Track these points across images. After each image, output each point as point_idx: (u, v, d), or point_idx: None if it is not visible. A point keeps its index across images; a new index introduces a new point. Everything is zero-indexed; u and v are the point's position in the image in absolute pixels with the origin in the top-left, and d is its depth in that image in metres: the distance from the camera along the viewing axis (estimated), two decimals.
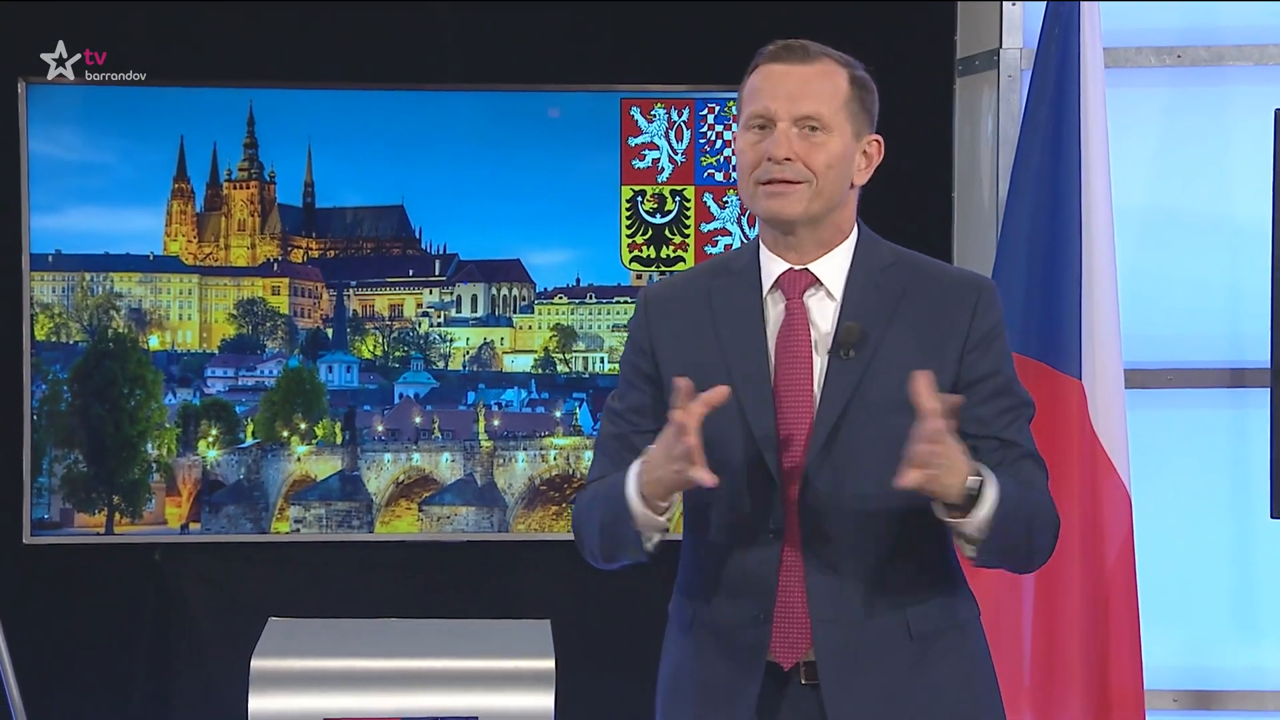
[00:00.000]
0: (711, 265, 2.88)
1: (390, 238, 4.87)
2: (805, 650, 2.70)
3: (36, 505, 4.77)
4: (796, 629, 2.70)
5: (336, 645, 3.77)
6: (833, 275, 2.75)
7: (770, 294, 2.75)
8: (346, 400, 4.86)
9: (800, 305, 2.74)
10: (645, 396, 2.79)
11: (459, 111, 4.81)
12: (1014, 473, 2.69)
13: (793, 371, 2.71)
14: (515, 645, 3.74)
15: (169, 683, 4.95)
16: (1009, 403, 2.74)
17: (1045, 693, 4.36)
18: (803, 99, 2.69)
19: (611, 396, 2.88)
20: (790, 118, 2.69)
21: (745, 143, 2.73)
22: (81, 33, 4.72)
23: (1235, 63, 4.69)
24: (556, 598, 4.87)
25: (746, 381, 2.70)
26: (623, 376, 2.85)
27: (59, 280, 4.78)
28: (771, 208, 2.71)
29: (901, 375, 2.59)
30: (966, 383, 2.71)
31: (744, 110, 2.75)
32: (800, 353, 2.71)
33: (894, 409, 2.61)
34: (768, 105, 2.70)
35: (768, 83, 2.72)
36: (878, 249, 2.79)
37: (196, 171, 4.82)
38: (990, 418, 2.71)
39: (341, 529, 4.84)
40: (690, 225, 4.86)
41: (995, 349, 2.75)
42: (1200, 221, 4.73)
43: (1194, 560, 4.75)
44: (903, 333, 2.71)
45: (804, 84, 2.70)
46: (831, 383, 2.69)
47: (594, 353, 4.90)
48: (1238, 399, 4.71)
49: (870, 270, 2.75)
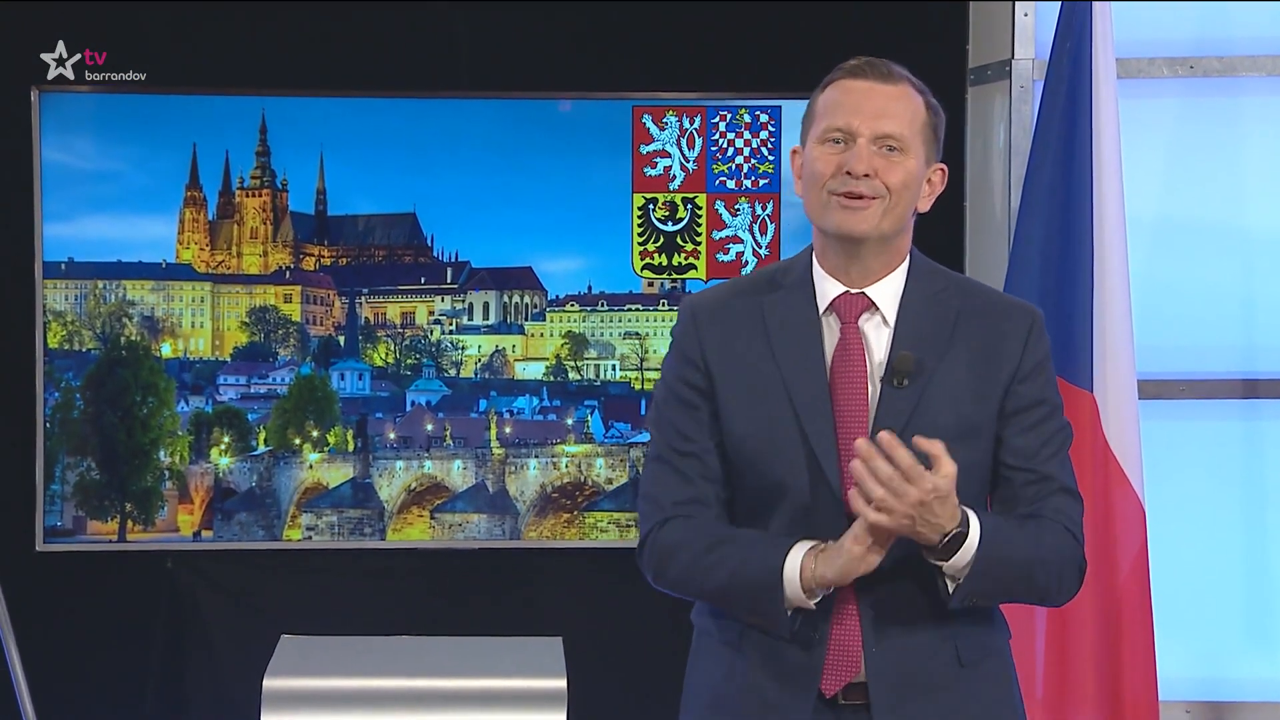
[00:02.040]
0: (758, 279, 2.84)
1: (402, 245, 4.87)
2: (853, 674, 2.69)
3: (49, 513, 4.77)
4: (849, 653, 2.69)
5: (348, 664, 3.78)
6: (887, 301, 2.74)
7: (825, 315, 2.74)
8: (358, 408, 4.86)
9: (856, 330, 2.73)
10: (703, 414, 2.76)
11: (471, 119, 4.80)
12: (1043, 506, 2.71)
13: (849, 397, 2.70)
14: (527, 664, 3.75)
15: (181, 690, 4.96)
16: (1051, 432, 2.75)
17: (1059, 704, 4.35)
18: (885, 118, 2.68)
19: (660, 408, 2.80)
20: (871, 134, 2.67)
21: (819, 154, 2.70)
22: (81, 33, 4.72)
23: (1248, 73, 4.68)
24: (568, 605, 4.88)
25: (806, 402, 2.69)
26: (672, 392, 2.79)
27: (72, 288, 4.79)
28: (845, 221, 2.68)
29: (954, 405, 2.65)
30: (1011, 411, 2.72)
31: (819, 122, 2.72)
32: (856, 378, 2.70)
33: (946, 438, 2.60)
34: (850, 120, 2.68)
35: (850, 98, 2.70)
36: (931, 275, 2.79)
37: (209, 179, 4.83)
38: (1032, 450, 2.72)
39: (353, 536, 4.85)
40: (702, 233, 4.86)
41: (1043, 378, 2.76)
42: (1213, 232, 4.72)
43: (1208, 571, 4.74)
44: (956, 361, 2.71)
45: (887, 103, 2.69)
46: (885, 410, 2.68)
47: (606, 360, 4.90)
48: (1251, 410, 4.71)
49: (924, 296, 2.75)
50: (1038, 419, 2.73)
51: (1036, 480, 2.72)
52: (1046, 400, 2.75)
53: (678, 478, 2.76)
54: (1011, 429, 2.71)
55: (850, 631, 2.69)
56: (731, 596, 2.70)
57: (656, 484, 2.79)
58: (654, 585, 2.82)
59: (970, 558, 2.59)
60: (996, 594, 2.69)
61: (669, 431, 2.78)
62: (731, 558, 2.69)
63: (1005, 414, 2.72)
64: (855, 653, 2.69)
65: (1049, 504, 2.72)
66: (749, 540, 2.70)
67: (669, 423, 2.78)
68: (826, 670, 2.69)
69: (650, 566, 2.78)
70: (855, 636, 2.69)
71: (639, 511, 2.83)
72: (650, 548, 2.77)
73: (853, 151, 2.67)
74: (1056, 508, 2.72)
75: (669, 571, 2.76)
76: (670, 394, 2.79)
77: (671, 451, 2.77)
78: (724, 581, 2.69)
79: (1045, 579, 2.70)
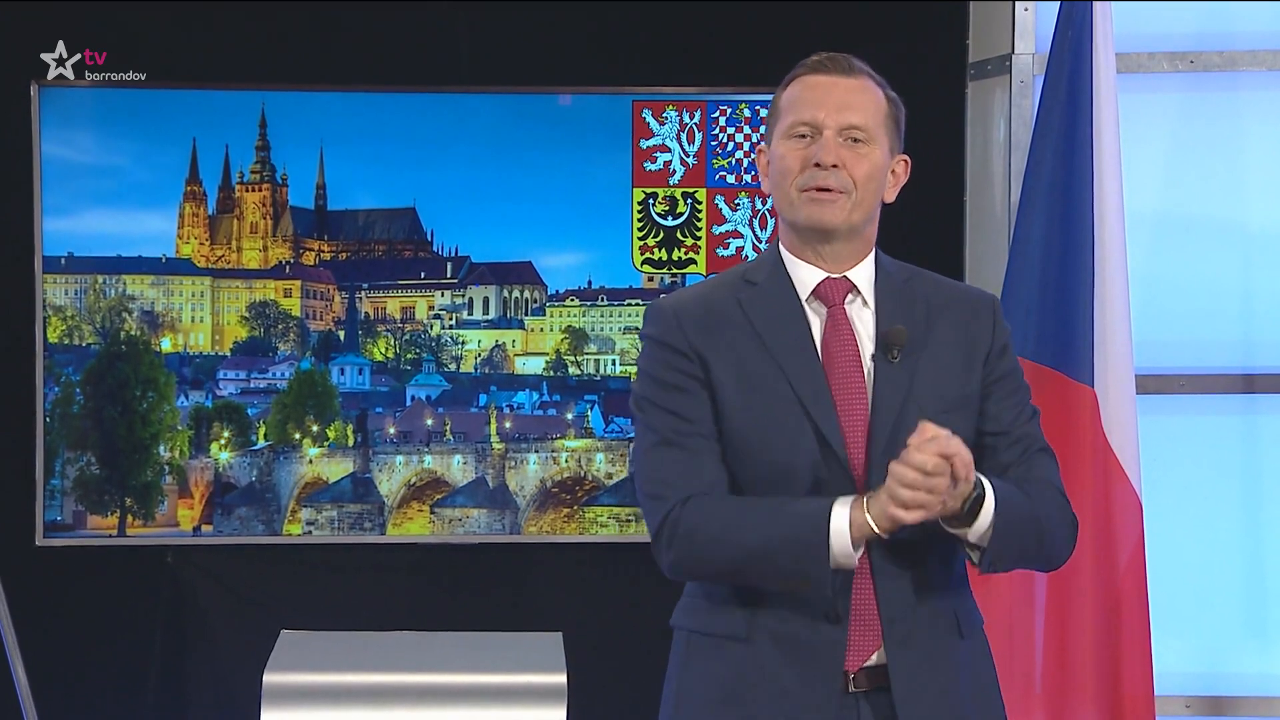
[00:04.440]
0: (727, 278, 2.87)
1: (402, 240, 4.87)
2: (874, 648, 2.72)
3: (49, 507, 4.77)
4: (868, 630, 2.71)
5: (348, 659, 3.79)
6: (865, 285, 2.80)
7: (809, 302, 2.78)
8: (358, 402, 4.86)
9: (843, 311, 2.78)
10: (703, 398, 2.75)
11: (470, 113, 4.80)
12: (1028, 468, 2.79)
13: (845, 374, 2.74)
14: (527, 659, 3.76)
15: (181, 684, 4.96)
16: (1024, 400, 2.85)
17: (1057, 699, 4.35)
18: (849, 109, 2.74)
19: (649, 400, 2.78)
20: (836, 127, 2.73)
21: (786, 149, 2.75)
22: (81, 33, 4.72)
23: (1248, 68, 4.68)
24: (568, 600, 4.89)
25: (805, 385, 2.72)
26: (663, 383, 2.77)
27: (71, 283, 4.79)
28: (814, 214, 2.74)
29: (947, 375, 2.76)
30: (989, 383, 2.81)
31: (784, 118, 2.77)
32: (850, 357, 2.75)
33: (944, 408, 2.71)
34: (815, 114, 2.73)
35: (813, 93, 2.76)
36: (894, 266, 2.85)
37: (209, 174, 4.83)
38: (1009, 416, 2.81)
39: (353, 531, 4.85)
40: (702, 227, 4.86)
41: (1009, 354, 2.86)
42: (1213, 227, 4.72)
43: (1206, 566, 4.75)
44: (940, 339, 2.78)
45: (850, 95, 2.75)
46: (882, 385, 2.73)
47: (606, 355, 4.90)
48: (1250, 405, 4.71)
49: (895, 283, 2.81)
50: (1012, 388, 2.83)
51: (1016, 442, 2.80)
52: (1016, 371, 2.86)
53: (689, 457, 2.74)
54: (993, 399, 2.80)
55: (868, 605, 2.71)
56: (769, 559, 2.67)
57: (664, 468, 2.76)
58: (670, 573, 2.77)
59: (990, 519, 2.64)
60: (1015, 554, 2.73)
61: (667, 418, 2.76)
62: (768, 519, 2.68)
63: (986, 385, 2.81)
64: (875, 626, 2.71)
65: (1034, 464, 2.80)
66: (783, 502, 2.69)
67: (665, 410, 2.76)
68: (850, 646, 2.71)
69: (671, 549, 2.73)
70: (873, 610, 2.71)
71: (648, 497, 2.77)
72: (670, 530, 2.72)
73: (819, 144, 2.72)
74: (1041, 467, 2.81)
75: (695, 549, 2.71)
76: (661, 385, 2.77)
77: (676, 434, 2.75)
78: (759, 544, 2.67)
79: (1050, 537, 2.77)
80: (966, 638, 2.78)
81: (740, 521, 2.70)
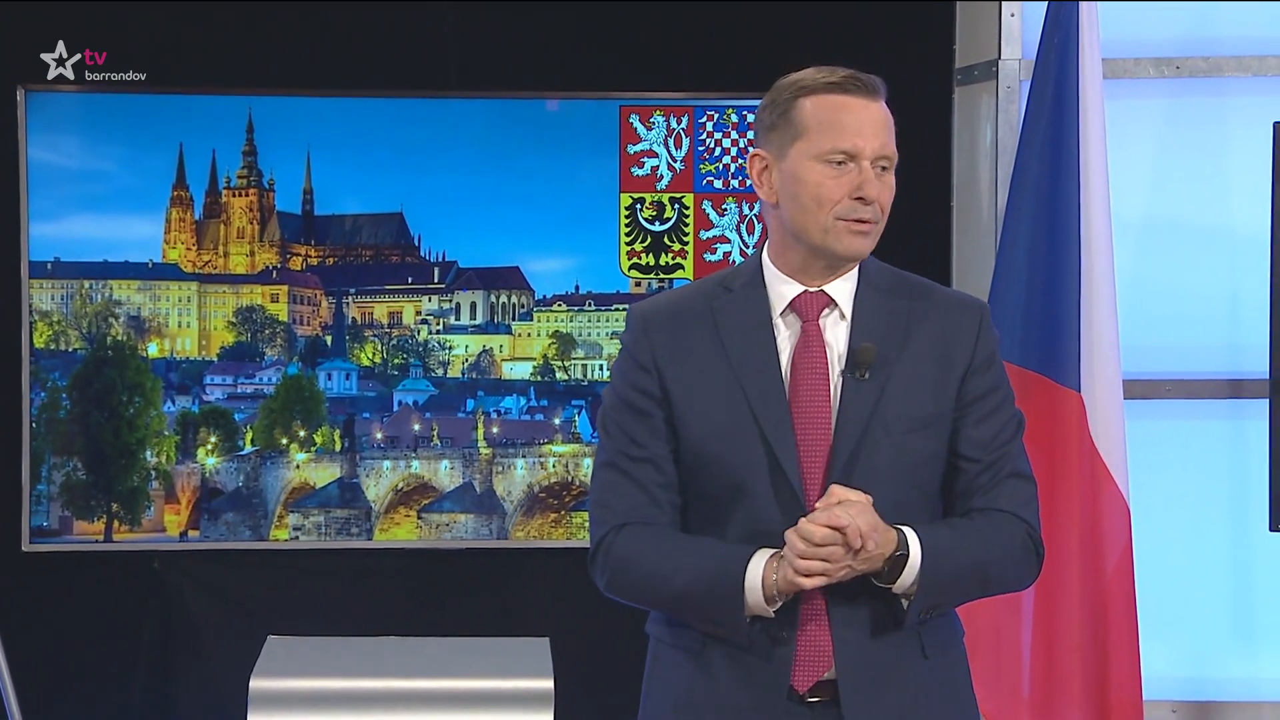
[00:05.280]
0: (707, 284, 2.85)
1: (389, 245, 4.87)
2: (824, 669, 2.70)
3: (35, 513, 4.77)
4: (818, 649, 2.69)
5: (335, 665, 3.78)
6: (844, 297, 2.76)
7: (783, 316, 2.75)
8: (345, 408, 4.86)
9: (817, 327, 2.74)
10: (656, 420, 2.75)
11: (458, 119, 4.81)
12: (994, 497, 2.74)
13: (810, 391, 2.71)
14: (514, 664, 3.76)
15: (167, 690, 4.96)
16: (1004, 421, 2.78)
17: (1044, 703, 4.35)
18: (883, 138, 2.68)
19: (609, 414, 2.80)
20: (873, 156, 2.67)
21: (824, 175, 2.67)
22: (81, 33, 4.72)
23: (1233, 74, 4.69)
24: (555, 605, 4.88)
25: (762, 401, 2.70)
26: (622, 399, 2.78)
27: (58, 288, 4.78)
28: (853, 246, 2.69)
29: (918, 394, 2.69)
30: (966, 402, 2.75)
31: (814, 138, 2.68)
32: (818, 374, 2.71)
33: (910, 428, 2.68)
34: (856, 142, 2.66)
35: (850, 116, 2.68)
36: (879, 271, 2.80)
37: (195, 179, 4.82)
38: (985, 440, 2.75)
39: (340, 536, 4.84)
40: (689, 233, 4.86)
41: (995, 368, 2.79)
42: (1199, 232, 4.73)
43: (1193, 572, 4.75)
44: (914, 354, 2.73)
45: (881, 123, 2.69)
46: (849, 402, 2.69)
47: (593, 360, 4.90)
48: (1236, 410, 4.71)
49: (877, 291, 2.77)
50: (991, 408, 2.76)
51: (988, 468, 2.75)
52: (999, 388, 2.79)
53: (631, 484, 2.75)
54: (968, 420, 2.74)
55: (820, 627, 2.69)
56: (690, 604, 2.70)
57: (608, 490, 2.77)
58: (606, 593, 2.80)
59: (915, 576, 2.63)
60: (951, 601, 2.73)
61: (620, 438, 2.77)
62: (690, 565, 2.69)
63: (961, 405, 2.74)
64: (825, 648, 2.69)
65: (1001, 491, 2.74)
66: (708, 548, 2.70)
67: (620, 429, 2.77)
68: (797, 667, 2.69)
69: (604, 574, 2.76)
70: (825, 632, 2.69)
71: (591, 518, 2.80)
72: (604, 555, 2.75)
73: (860, 175, 2.66)
74: (1009, 494, 2.75)
75: (624, 579, 2.75)
76: (621, 401, 2.78)
77: (624, 457, 2.76)
78: (682, 589, 2.69)
79: (1000, 574, 2.75)
80: (931, 658, 2.74)
81: (665, 561, 2.71)
